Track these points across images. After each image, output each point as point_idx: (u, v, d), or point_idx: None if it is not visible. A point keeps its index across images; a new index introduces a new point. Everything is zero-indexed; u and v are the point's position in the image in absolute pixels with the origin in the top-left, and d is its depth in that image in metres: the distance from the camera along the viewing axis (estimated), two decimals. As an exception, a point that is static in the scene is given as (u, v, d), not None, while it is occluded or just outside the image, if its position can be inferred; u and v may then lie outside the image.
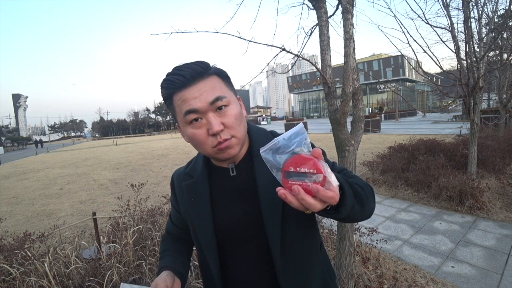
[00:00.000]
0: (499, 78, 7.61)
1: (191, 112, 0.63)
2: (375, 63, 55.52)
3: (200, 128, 0.64)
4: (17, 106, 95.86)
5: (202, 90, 0.63)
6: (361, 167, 6.43)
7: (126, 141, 37.00)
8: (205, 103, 0.62)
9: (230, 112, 0.65)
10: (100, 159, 14.60)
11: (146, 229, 2.92)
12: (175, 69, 0.65)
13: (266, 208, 0.68)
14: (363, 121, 2.11)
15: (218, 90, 0.64)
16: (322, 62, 1.93)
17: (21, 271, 2.18)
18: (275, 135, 0.76)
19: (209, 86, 0.64)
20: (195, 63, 0.65)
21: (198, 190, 0.75)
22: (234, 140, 0.66)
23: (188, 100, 0.63)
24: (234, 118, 0.65)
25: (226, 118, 0.64)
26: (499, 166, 5.18)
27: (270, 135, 0.76)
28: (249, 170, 0.72)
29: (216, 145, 0.64)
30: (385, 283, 2.33)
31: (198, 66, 0.64)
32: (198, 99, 0.62)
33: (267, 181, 0.67)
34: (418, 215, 3.88)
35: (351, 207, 0.54)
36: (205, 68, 0.65)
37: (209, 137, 0.64)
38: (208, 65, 0.66)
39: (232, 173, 0.73)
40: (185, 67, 0.64)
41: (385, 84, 37.16)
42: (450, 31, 4.20)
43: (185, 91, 0.63)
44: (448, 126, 16.99)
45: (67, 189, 7.43)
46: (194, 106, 0.62)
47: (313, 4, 1.96)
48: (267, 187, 0.68)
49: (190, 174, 0.79)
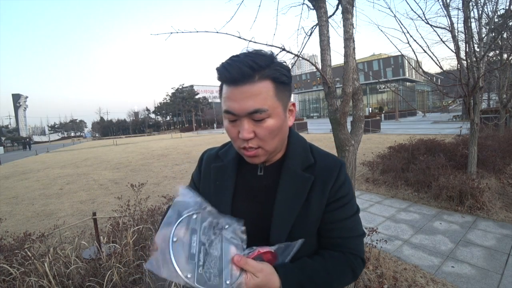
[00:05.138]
0: (499, 78, 7.62)
1: (228, 113, 0.62)
2: (375, 63, 55.51)
3: (234, 127, 0.63)
4: (17, 106, 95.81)
5: (245, 95, 0.59)
6: (361, 167, 6.43)
7: (126, 141, 37.01)
8: (242, 110, 0.60)
9: (266, 125, 0.61)
10: (100, 159, 14.60)
11: (146, 229, 2.92)
12: (229, 60, 0.61)
13: (277, 218, 0.67)
14: (363, 121, 2.11)
15: (261, 101, 0.59)
16: (322, 62, 1.93)
17: (21, 271, 2.18)
18: (313, 149, 0.76)
19: (254, 92, 0.59)
20: (247, 63, 0.58)
21: (225, 175, 0.75)
22: (261, 151, 0.65)
23: (229, 99, 0.60)
24: (268, 132, 0.62)
25: (259, 129, 0.61)
26: (499, 166, 5.18)
27: (308, 148, 0.75)
28: (275, 177, 0.71)
29: (242, 148, 0.65)
30: (385, 283, 2.33)
31: (248, 67, 0.58)
32: (237, 103, 0.59)
33: (287, 195, 0.68)
34: (418, 215, 3.88)
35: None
36: (258, 69, 0.59)
37: (239, 138, 0.63)
38: (264, 67, 0.59)
39: (259, 172, 0.72)
40: (236, 63, 0.58)
41: (385, 84, 37.18)
42: (450, 31, 4.20)
43: (230, 89, 0.60)
44: (448, 126, 17.00)
45: (67, 189, 7.43)
46: (232, 108, 0.60)
47: (313, 4, 1.96)
48: (285, 201, 0.68)
49: (220, 157, 0.79)
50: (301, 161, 0.71)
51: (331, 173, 0.70)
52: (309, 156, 0.73)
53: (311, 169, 0.70)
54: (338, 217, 0.70)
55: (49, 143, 58.03)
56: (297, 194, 0.68)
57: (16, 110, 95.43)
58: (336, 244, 0.71)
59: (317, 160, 0.72)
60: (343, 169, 0.72)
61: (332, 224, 0.70)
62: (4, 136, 66.55)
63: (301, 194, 0.68)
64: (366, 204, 4.49)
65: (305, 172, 0.70)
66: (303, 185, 0.68)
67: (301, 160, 0.71)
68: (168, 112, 78.61)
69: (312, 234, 0.71)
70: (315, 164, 0.71)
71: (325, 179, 0.69)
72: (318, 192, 0.68)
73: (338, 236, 0.71)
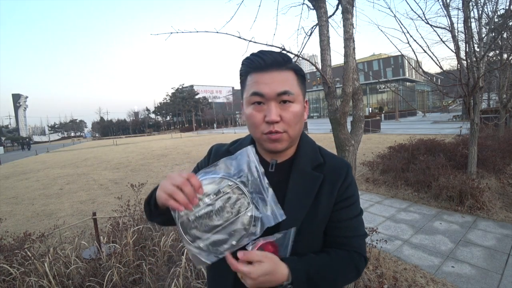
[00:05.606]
0: (499, 78, 7.62)
1: (257, 94, 0.65)
2: (375, 63, 55.53)
3: (259, 112, 0.66)
4: (17, 106, 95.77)
5: (275, 79, 0.65)
6: (361, 167, 6.43)
7: (126, 141, 37.00)
8: (272, 91, 0.64)
9: (291, 109, 0.66)
10: (100, 159, 14.60)
11: (146, 229, 2.92)
12: (260, 51, 0.68)
13: (287, 214, 0.67)
14: (363, 121, 2.11)
15: (289, 85, 0.66)
16: (322, 62, 1.93)
17: (21, 271, 2.18)
18: (321, 150, 0.79)
19: (283, 78, 0.66)
20: (279, 53, 0.68)
21: None
22: (285, 136, 0.67)
23: (259, 83, 0.65)
24: (293, 116, 0.66)
25: (285, 113, 0.65)
26: (499, 166, 5.18)
27: (317, 149, 0.78)
28: (286, 175, 0.72)
29: (267, 133, 0.66)
30: (385, 283, 2.33)
31: (279, 56, 0.67)
32: (267, 85, 0.64)
33: (297, 192, 0.69)
34: (418, 215, 3.88)
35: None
36: (286, 61, 0.67)
37: (264, 123, 0.66)
38: (290, 59, 0.69)
39: (270, 169, 0.73)
40: (268, 53, 0.67)
41: (385, 84, 37.18)
42: (450, 31, 4.20)
43: (260, 74, 0.65)
44: (448, 126, 16.99)
45: (67, 189, 7.43)
46: (262, 90, 0.64)
47: (313, 4, 1.96)
48: (295, 198, 0.69)
49: (232, 153, 0.79)
50: (311, 160, 0.74)
51: (339, 173, 0.73)
52: (318, 156, 0.76)
53: (320, 169, 0.73)
54: (344, 216, 0.72)
55: (49, 143, 58.04)
56: (306, 191, 0.70)
57: (16, 110, 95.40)
58: (341, 242, 0.73)
59: (326, 160, 0.75)
60: (350, 170, 0.75)
61: (338, 223, 0.72)
62: (4, 136, 66.52)
63: (310, 192, 0.70)
64: (366, 204, 4.49)
65: (315, 171, 0.72)
66: (312, 183, 0.70)
67: (311, 159, 0.74)
68: (168, 112, 78.57)
69: (319, 232, 0.72)
70: (324, 164, 0.74)
71: (334, 178, 0.72)
72: (327, 190, 0.71)
73: (343, 235, 0.73)
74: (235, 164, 0.64)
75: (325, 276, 0.66)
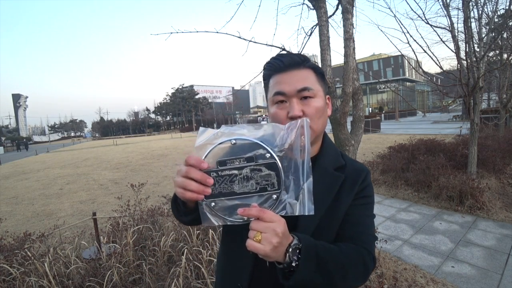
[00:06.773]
0: (499, 78, 7.62)
1: (279, 94, 0.69)
2: (375, 63, 55.53)
3: (282, 109, 0.69)
4: (17, 106, 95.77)
5: (294, 78, 0.69)
6: (361, 167, 6.42)
7: (126, 141, 37.01)
8: (293, 89, 0.68)
9: (313, 104, 0.69)
10: (100, 159, 14.61)
11: (146, 229, 2.93)
12: (278, 55, 0.74)
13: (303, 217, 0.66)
14: (363, 121, 2.11)
15: (308, 82, 0.70)
16: (322, 62, 1.93)
17: (21, 271, 2.18)
18: (343, 153, 0.81)
19: (302, 76, 0.70)
20: (296, 54, 0.74)
21: None
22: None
23: (280, 83, 0.70)
24: (315, 110, 0.69)
25: (307, 108, 0.69)
26: (499, 166, 5.18)
27: (339, 152, 0.80)
28: None
29: None
30: (385, 283, 2.33)
31: (297, 56, 0.72)
32: (288, 84, 0.69)
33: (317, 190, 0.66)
34: (418, 215, 3.88)
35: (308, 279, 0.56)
36: (303, 60, 0.72)
37: (288, 119, 0.67)
38: (307, 59, 0.73)
39: None
40: (286, 55, 0.73)
41: (385, 84, 37.19)
42: (450, 31, 4.21)
43: (280, 75, 0.71)
44: (448, 126, 16.98)
45: (67, 189, 7.43)
46: (283, 89, 0.69)
47: (313, 4, 1.96)
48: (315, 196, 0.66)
49: None
50: (333, 161, 0.77)
51: (360, 174, 0.76)
52: (340, 158, 0.78)
53: (342, 170, 0.76)
54: (359, 212, 0.74)
55: (49, 143, 58.03)
56: (327, 190, 0.72)
57: (16, 110, 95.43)
58: (351, 236, 0.72)
59: (347, 163, 0.78)
60: (369, 175, 0.79)
61: (352, 216, 0.73)
62: (4, 136, 66.53)
63: (331, 191, 0.72)
64: (366, 204, 4.49)
65: (336, 172, 0.75)
66: (334, 183, 0.73)
67: (334, 161, 0.77)
68: (168, 112, 78.57)
69: (335, 231, 0.72)
70: (345, 166, 0.77)
71: (354, 179, 0.75)
72: (348, 190, 0.73)
73: (355, 229, 0.73)
74: (282, 134, 0.56)
75: (334, 258, 0.63)
